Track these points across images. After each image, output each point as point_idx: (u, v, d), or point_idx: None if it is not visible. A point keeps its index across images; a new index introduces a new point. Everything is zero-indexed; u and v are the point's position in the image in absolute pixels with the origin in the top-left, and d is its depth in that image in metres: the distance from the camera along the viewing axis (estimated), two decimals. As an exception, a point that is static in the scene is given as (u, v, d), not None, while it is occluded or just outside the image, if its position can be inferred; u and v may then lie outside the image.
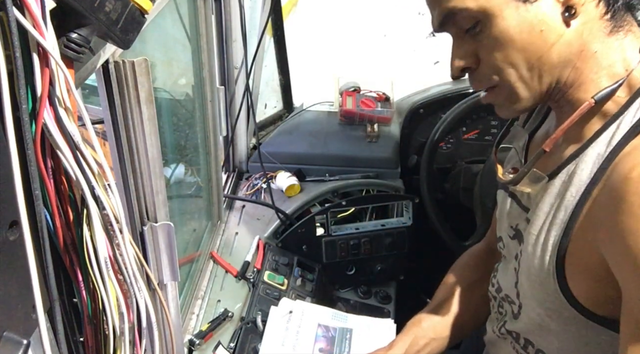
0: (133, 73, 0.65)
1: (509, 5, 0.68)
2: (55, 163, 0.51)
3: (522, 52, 0.70)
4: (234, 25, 1.44)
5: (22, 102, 0.45)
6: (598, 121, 0.71)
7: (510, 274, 0.88)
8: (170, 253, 0.83)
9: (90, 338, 0.63)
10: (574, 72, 0.72)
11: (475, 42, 0.73)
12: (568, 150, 0.74)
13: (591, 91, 0.71)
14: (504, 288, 0.91)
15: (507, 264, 0.92)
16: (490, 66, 0.73)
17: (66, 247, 0.56)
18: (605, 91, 0.69)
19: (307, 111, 1.90)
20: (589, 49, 0.70)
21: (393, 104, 1.86)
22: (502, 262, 0.96)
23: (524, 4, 0.67)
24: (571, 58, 0.71)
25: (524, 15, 0.68)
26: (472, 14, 0.70)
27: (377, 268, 1.54)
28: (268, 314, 1.22)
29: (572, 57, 0.70)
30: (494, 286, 0.97)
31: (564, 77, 0.72)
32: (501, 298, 0.94)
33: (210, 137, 1.34)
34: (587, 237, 0.69)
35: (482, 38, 0.71)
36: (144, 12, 0.55)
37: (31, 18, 0.44)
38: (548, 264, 0.74)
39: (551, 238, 0.74)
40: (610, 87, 0.69)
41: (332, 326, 1.22)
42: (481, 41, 0.72)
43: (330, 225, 1.50)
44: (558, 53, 0.70)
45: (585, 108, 0.70)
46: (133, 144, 0.71)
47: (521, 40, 0.69)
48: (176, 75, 1.30)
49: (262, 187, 1.62)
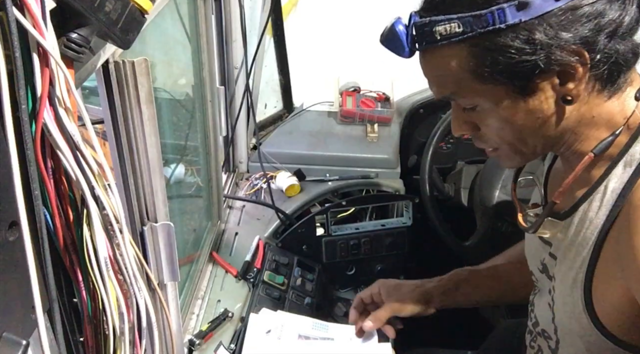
0: (133, 73, 0.65)
1: (506, 99, 0.70)
2: (55, 163, 0.51)
3: (518, 133, 0.73)
4: (234, 25, 1.44)
5: (22, 102, 0.44)
6: (604, 162, 0.72)
7: (546, 309, 0.88)
8: (170, 253, 0.83)
9: (90, 338, 0.63)
10: (573, 135, 0.74)
11: (473, 115, 0.75)
12: (580, 190, 0.76)
13: (592, 144, 0.73)
14: (542, 323, 0.92)
15: (541, 298, 0.92)
16: (489, 136, 0.77)
17: (66, 247, 0.56)
18: (603, 144, 0.71)
19: (307, 111, 1.90)
20: (587, 117, 0.72)
21: (393, 104, 1.86)
22: (536, 294, 0.95)
23: (522, 98, 0.69)
24: (569, 128, 0.73)
25: (522, 106, 0.70)
26: (469, 102, 0.73)
27: (377, 268, 1.54)
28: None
29: (569, 127, 0.73)
30: (531, 320, 0.97)
31: (563, 140, 0.75)
32: (537, 333, 0.94)
33: (210, 137, 1.34)
34: (610, 273, 0.70)
35: (480, 115, 0.74)
36: (144, 12, 0.55)
37: (31, 18, 0.44)
38: (578, 301, 0.75)
39: (578, 276, 0.75)
40: (607, 139, 0.71)
41: (312, 337, 1.18)
42: (479, 116, 0.75)
43: (330, 225, 1.49)
44: (554, 129, 0.72)
45: (587, 161, 0.72)
46: (133, 144, 0.71)
47: (519, 125, 0.72)
48: (176, 75, 1.30)
49: (262, 187, 1.62)
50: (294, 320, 1.20)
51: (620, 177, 0.69)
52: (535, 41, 0.63)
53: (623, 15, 0.64)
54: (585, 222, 0.74)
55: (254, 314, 1.18)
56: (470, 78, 0.69)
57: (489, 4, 0.63)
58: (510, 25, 0.63)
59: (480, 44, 0.66)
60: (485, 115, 0.74)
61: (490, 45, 0.65)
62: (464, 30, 0.65)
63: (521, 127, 0.72)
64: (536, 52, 0.63)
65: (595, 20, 0.63)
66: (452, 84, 0.72)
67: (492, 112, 0.72)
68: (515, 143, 0.76)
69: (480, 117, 0.75)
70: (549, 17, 0.63)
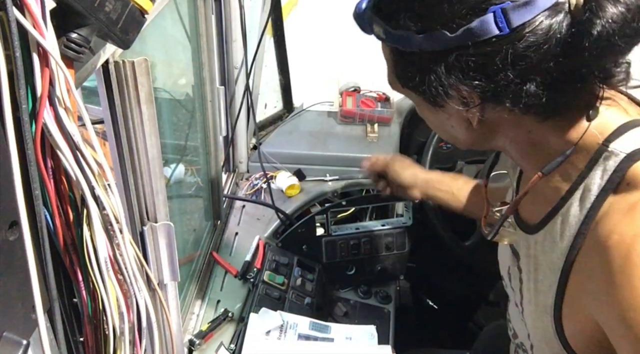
0: (133, 73, 0.65)
1: (424, 104, 0.71)
2: (55, 163, 0.51)
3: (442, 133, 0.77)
4: (234, 25, 1.44)
5: (22, 102, 0.44)
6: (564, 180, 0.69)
7: (521, 325, 0.88)
8: (170, 253, 0.83)
9: (90, 338, 0.63)
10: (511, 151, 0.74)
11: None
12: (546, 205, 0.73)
13: (539, 162, 0.70)
14: (520, 336, 0.92)
15: (513, 310, 0.92)
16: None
17: (66, 247, 0.56)
18: (552, 164, 0.68)
19: (307, 111, 1.90)
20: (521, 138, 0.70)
21: (393, 104, 1.86)
22: (509, 304, 0.95)
23: (433, 107, 0.70)
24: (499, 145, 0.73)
25: (436, 115, 0.71)
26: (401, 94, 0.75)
27: (377, 268, 1.54)
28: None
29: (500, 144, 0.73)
30: (511, 330, 0.97)
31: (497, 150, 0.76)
32: (516, 345, 0.94)
33: (210, 137, 1.34)
34: (579, 301, 0.68)
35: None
36: (144, 12, 0.55)
37: (31, 18, 0.44)
38: (549, 326, 0.74)
39: (547, 301, 0.74)
40: (557, 159, 0.68)
41: (312, 337, 1.19)
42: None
43: (330, 225, 1.49)
44: (472, 140, 0.73)
45: (536, 181, 0.70)
46: (133, 144, 0.71)
47: (438, 125, 0.75)
48: (176, 75, 1.30)
49: (262, 187, 1.62)
50: (294, 320, 1.20)
51: (582, 202, 0.66)
52: (433, 72, 0.63)
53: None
54: (551, 243, 0.72)
55: (254, 314, 1.18)
56: (395, 77, 0.71)
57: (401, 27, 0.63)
58: (414, 52, 0.64)
59: (397, 54, 0.68)
60: (417, 108, 0.76)
61: (403, 59, 0.67)
62: (385, 38, 0.66)
63: (440, 129, 0.75)
64: (432, 80, 0.64)
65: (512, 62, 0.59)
66: (388, 74, 0.74)
67: (420, 109, 0.76)
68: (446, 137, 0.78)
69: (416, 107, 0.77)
70: (447, 57, 0.61)
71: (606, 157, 0.64)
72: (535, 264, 0.76)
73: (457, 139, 0.75)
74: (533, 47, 0.57)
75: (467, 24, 0.58)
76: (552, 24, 0.57)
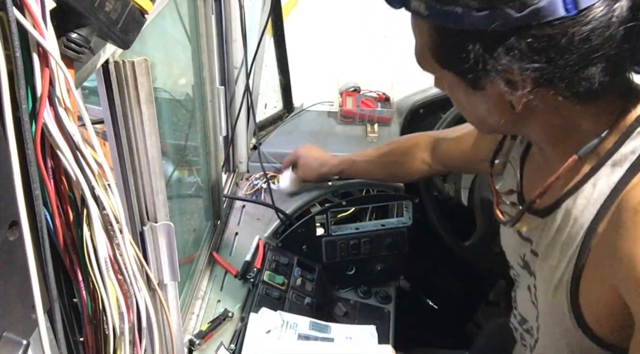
0: (133, 73, 0.65)
1: (461, 86, 0.69)
2: (55, 163, 0.51)
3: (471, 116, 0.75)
4: (234, 25, 1.44)
5: (22, 102, 0.44)
6: (590, 160, 0.70)
7: (530, 307, 0.87)
8: (170, 253, 0.83)
9: (90, 338, 0.63)
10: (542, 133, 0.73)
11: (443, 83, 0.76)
12: (561, 186, 0.74)
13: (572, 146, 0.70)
14: (528, 319, 0.91)
15: (523, 294, 0.91)
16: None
17: (66, 247, 0.56)
18: (588, 147, 0.68)
19: (307, 111, 1.90)
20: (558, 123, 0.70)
21: (393, 104, 1.86)
22: (517, 290, 0.95)
23: (473, 91, 0.68)
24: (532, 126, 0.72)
25: (471, 97, 0.70)
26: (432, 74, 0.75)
27: (377, 268, 1.54)
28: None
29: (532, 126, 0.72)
30: (516, 317, 0.96)
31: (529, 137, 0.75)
32: (524, 330, 0.93)
33: (210, 137, 1.34)
34: (598, 272, 0.69)
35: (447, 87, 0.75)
36: (144, 12, 0.55)
37: (31, 18, 0.44)
38: (563, 301, 0.74)
39: (564, 277, 0.74)
40: (592, 142, 0.68)
41: (312, 337, 1.18)
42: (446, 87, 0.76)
43: (330, 225, 1.49)
44: (503, 124, 0.72)
45: (571, 164, 0.70)
46: (133, 144, 0.71)
47: (469, 109, 0.73)
48: (176, 75, 1.30)
49: (262, 187, 1.62)
50: (293, 320, 1.20)
51: (608, 177, 0.67)
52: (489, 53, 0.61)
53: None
54: (569, 221, 0.72)
55: (254, 314, 1.18)
56: (430, 57, 0.69)
57: (456, 3, 0.61)
58: (465, 30, 0.61)
59: (441, 33, 0.65)
60: (448, 89, 0.75)
61: (448, 39, 0.65)
62: (428, 14, 0.63)
63: (472, 112, 0.74)
64: (486, 62, 0.62)
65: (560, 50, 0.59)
66: (419, 53, 0.72)
67: (451, 91, 0.74)
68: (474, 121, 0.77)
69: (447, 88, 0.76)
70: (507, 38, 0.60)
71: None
72: (553, 243, 0.76)
73: (485, 123, 0.74)
74: (597, 30, 0.57)
75: (537, 3, 0.56)
76: (616, 8, 0.56)
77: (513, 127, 0.73)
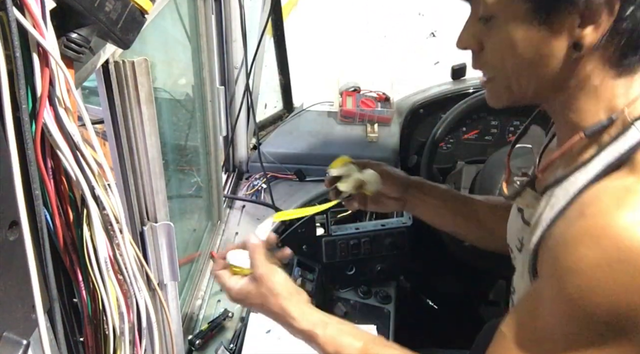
0: (133, 73, 0.65)
1: (523, 20, 0.67)
2: (55, 163, 0.51)
3: (519, 64, 0.71)
4: (234, 25, 1.44)
5: (22, 102, 0.45)
6: (593, 147, 0.70)
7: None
8: (170, 253, 0.83)
9: (90, 338, 0.63)
10: (570, 97, 0.72)
11: (484, 29, 0.72)
12: (559, 171, 0.74)
13: (587, 120, 0.70)
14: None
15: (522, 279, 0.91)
16: (490, 58, 0.74)
17: (66, 247, 0.56)
18: (597, 126, 0.68)
19: (307, 111, 1.90)
20: (589, 83, 0.69)
21: (393, 104, 1.86)
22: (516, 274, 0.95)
23: (538, 25, 0.67)
24: (568, 85, 0.71)
25: (533, 34, 0.68)
26: (489, 9, 0.70)
27: (377, 268, 1.54)
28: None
29: (569, 84, 0.71)
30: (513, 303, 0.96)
31: (557, 98, 0.72)
32: None
33: (210, 137, 1.34)
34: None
35: (491, 31, 0.71)
36: (144, 12, 0.55)
37: (31, 18, 0.44)
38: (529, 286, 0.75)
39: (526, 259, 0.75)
40: (602, 122, 0.68)
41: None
42: (489, 32, 0.72)
43: (330, 225, 1.49)
44: (553, 76, 0.70)
45: (576, 141, 0.69)
46: (133, 144, 0.71)
47: (522, 53, 0.70)
48: (176, 75, 1.30)
49: (262, 187, 1.62)
50: None
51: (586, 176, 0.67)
52: None
53: None
54: (545, 208, 0.72)
55: (254, 314, 1.18)
56: None
57: None
58: None
59: None
60: (496, 31, 0.71)
61: None
62: None
63: (523, 57, 0.71)
64: None
65: None
66: None
67: (504, 30, 0.70)
68: (510, 76, 0.74)
69: (491, 33, 0.72)
70: None
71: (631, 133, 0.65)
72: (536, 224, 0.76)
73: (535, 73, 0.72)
74: None
75: None
76: None
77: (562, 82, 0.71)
